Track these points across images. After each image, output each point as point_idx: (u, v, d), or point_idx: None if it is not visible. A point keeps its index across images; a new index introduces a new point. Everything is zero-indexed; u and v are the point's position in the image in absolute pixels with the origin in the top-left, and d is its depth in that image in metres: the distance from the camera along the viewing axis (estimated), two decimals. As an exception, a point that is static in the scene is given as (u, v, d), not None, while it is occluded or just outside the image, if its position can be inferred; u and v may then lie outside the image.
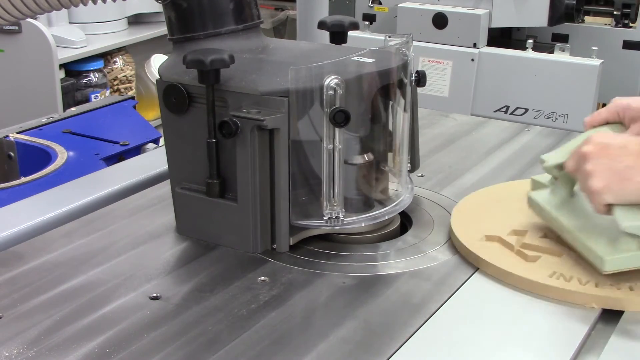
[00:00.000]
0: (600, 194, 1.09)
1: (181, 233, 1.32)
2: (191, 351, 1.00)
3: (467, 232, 1.27)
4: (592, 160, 1.11)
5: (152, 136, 2.05)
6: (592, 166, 1.10)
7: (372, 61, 1.25)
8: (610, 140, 1.12)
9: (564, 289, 1.10)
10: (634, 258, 1.10)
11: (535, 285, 1.12)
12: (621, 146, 1.10)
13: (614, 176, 1.08)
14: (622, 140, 1.11)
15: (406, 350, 1.00)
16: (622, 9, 2.94)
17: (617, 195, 1.08)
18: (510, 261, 1.18)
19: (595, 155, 1.11)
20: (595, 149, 1.11)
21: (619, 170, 1.08)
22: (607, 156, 1.10)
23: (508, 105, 2.85)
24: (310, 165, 1.23)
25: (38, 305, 1.11)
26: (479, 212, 1.35)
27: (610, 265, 1.10)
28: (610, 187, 1.08)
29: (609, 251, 1.11)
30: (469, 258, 1.22)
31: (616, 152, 1.10)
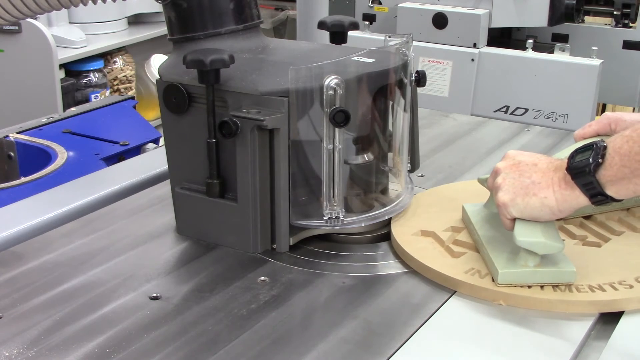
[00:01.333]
0: (506, 206, 1.11)
1: (181, 233, 1.32)
2: (191, 351, 1.00)
3: (404, 226, 1.28)
4: (503, 174, 1.14)
5: (152, 136, 2.05)
6: (502, 180, 1.13)
7: (372, 61, 1.25)
8: (523, 158, 1.14)
9: (475, 285, 1.12)
10: (527, 274, 1.11)
11: (450, 281, 1.14)
12: (532, 163, 1.12)
13: (520, 190, 1.10)
14: (535, 158, 1.13)
15: (406, 350, 1.00)
16: (622, 9, 2.94)
17: (521, 209, 1.10)
18: (432, 256, 1.19)
19: (507, 169, 1.14)
20: (507, 164, 1.15)
21: (525, 185, 1.10)
22: (516, 171, 1.12)
23: (508, 105, 2.85)
24: (310, 165, 1.23)
25: (38, 305, 1.11)
26: (427, 208, 1.35)
27: (503, 278, 1.11)
28: (515, 201, 1.10)
29: (504, 264, 1.12)
30: (398, 252, 1.23)
31: (526, 168, 1.12)
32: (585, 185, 1.04)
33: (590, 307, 1.08)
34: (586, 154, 1.04)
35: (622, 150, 1.01)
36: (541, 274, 1.11)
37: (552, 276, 1.11)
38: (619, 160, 1.01)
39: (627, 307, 1.08)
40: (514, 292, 1.10)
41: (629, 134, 1.01)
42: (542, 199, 1.08)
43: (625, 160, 1.00)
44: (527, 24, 2.96)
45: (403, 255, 1.22)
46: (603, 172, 1.02)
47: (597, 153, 1.03)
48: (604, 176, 1.02)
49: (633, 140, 1.00)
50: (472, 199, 1.32)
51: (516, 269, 1.12)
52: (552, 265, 1.12)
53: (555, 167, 1.09)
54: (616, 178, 1.02)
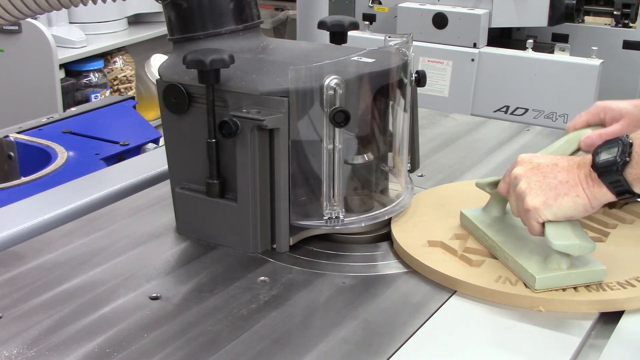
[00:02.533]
0: (538, 210, 1.09)
1: (181, 233, 1.32)
2: (191, 351, 1.00)
3: (409, 237, 1.25)
4: (525, 179, 1.11)
5: (152, 136, 2.05)
6: (526, 184, 1.10)
7: (372, 61, 1.25)
8: (541, 160, 1.12)
9: (511, 293, 1.10)
10: (564, 277, 1.10)
11: (482, 291, 1.11)
12: (552, 163, 1.11)
13: (549, 192, 1.08)
14: (552, 159, 1.12)
15: (406, 350, 1.00)
16: (622, 9, 2.94)
17: (554, 211, 1.08)
18: (454, 266, 1.17)
19: (528, 173, 1.11)
20: (526, 168, 1.12)
21: (554, 186, 1.08)
22: (539, 174, 1.10)
23: (508, 105, 2.85)
24: (310, 165, 1.23)
25: (38, 305, 1.11)
26: (421, 215, 1.32)
27: (541, 283, 1.09)
28: (547, 203, 1.08)
29: (539, 269, 1.11)
30: (413, 265, 1.20)
31: (547, 169, 1.10)
32: (613, 183, 1.04)
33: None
34: (612, 151, 1.03)
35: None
36: (575, 275, 1.10)
37: (585, 276, 1.11)
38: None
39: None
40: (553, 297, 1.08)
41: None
42: (575, 198, 1.07)
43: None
44: (527, 24, 2.96)
45: (421, 269, 1.18)
46: (630, 170, 1.02)
47: (624, 151, 1.02)
48: (631, 174, 1.02)
49: None
50: (465, 201, 1.31)
51: (551, 273, 1.10)
52: (583, 266, 1.11)
53: (577, 164, 1.08)
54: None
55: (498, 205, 1.26)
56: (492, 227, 1.23)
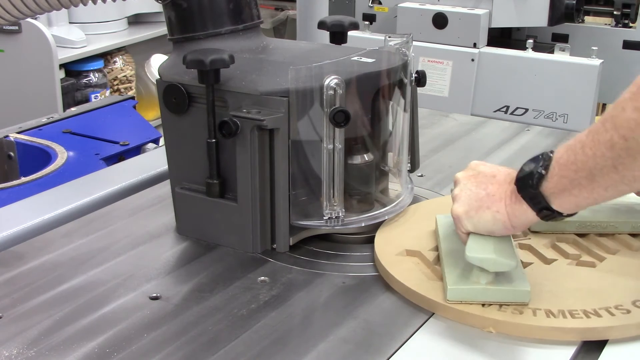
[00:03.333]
0: (460, 219, 1.07)
1: (181, 233, 1.32)
2: (191, 351, 1.00)
3: (388, 245, 1.23)
4: (461, 184, 1.09)
5: (152, 136, 2.05)
6: (459, 191, 1.09)
7: (372, 61, 1.25)
8: (484, 168, 1.09)
9: (460, 310, 1.05)
10: (480, 292, 1.05)
11: (433, 304, 1.08)
12: (491, 174, 1.07)
13: (474, 203, 1.05)
14: (493, 170, 1.08)
15: (406, 350, 1.00)
16: (622, 9, 2.94)
17: (474, 223, 1.05)
18: (417, 278, 1.13)
19: (465, 180, 1.09)
20: (467, 174, 1.10)
21: (480, 197, 1.05)
22: (474, 182, 1.07)
23: (508, 105, 2.85)
24: (310, 165, 1.23)
25: (38, 305, 1.11)
26: (408, 225, 1.29)
27: (452, 294, 1.06)
28: (468, 214, 1.06)
29: (456, 280, 1.07)
30: (381, 272, 1.17)
31: (484, 179, 1.07)
32: (531, 199, 0.98)
33: (573, 334, 1.01)
34: (531, 165, 0.98)
35: (562, 160, 0.95)
36: (493, 292, 1.05)
37: (505, 295, 1.05)
38: (558, 170, 0.95)
39: (610, 336, 1.01)
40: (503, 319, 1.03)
41: (570, 142, 0.95)
42: (495, 213, 1.03)
43: (564, 170, 0.94)
44: (527, 24, 2.96)
45: (387, 277, 1.15)
46: (545, 184, 0.96)
47: (542, 164, 0.97)
48: (547, 188, 0.96)
49: (571, 149, 0.94)
50: None
51: (466, 285, 1.06)
52: (506, 284, 1.06)
53: (511, 179, 1.03)
54: (557, 190, 0.96)
55: None
56: (450, 234, 1.18)
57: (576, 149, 0.93)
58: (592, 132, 0.91)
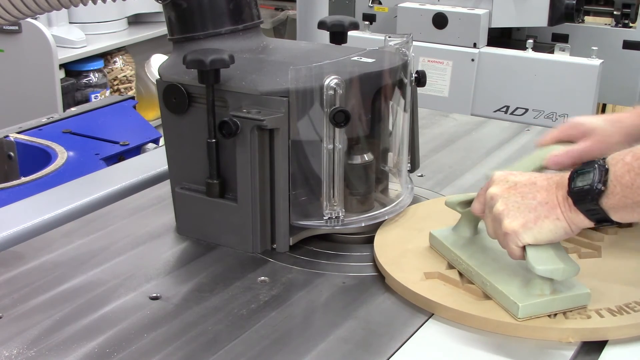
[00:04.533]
0: (517, 234, 1.02)
1: (181, 233, 1.32)
2: (191, 351, 1.00)
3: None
4: (502, 199, 1.04)
5: (152, 136, 2.05)
6: (504, 206, 1.03)
7: (372, 61, 1.25)
8: (518, 178, 1.06)
9: (537, 326, 1.03)
10: (548, 303, 1.04)
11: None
12: (530, 182, 1.04)
13: (529, 214, 1.02)
14: (529, 177, 1.05)
15: (406, 350, 1.00)
16: (622, 9, 2.94)
17: (534, 234, 1.02)
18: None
19: (505, 194, 1.04)
20: (502, 188, 1.05)
21: (533, 207, 1.02)
22: (517, 194, 1.03)
23: (508, 105, 2.85)
24: (310, 165, 1.23)
25: (38, 305, 1.11)
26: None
27: (525, 311, 1.03)
28: (527, 226, 1.01)
29: (522, 296, 1.04)
30: (416, 302, 1.10)
31: (525, 188, 1.04)
32: (589, 212, 0.98)
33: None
34: (587, 178, 0.98)
35: (624, 181, 0.95)
36: (559, 300, 1.04)
37: (570, 301, 1.05)
38: (621, 190, 0.95)
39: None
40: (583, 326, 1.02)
41: (630, 161, 0.95)
42: (555, 221, 1.01)
43: (627, 192, 0.95)
44: (527, 24, 2.96)
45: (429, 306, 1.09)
46: (605, 200, 0.97)
47: (600, 179, 0.97)
48: (607, 204, 0.97)
49: (635, 172, 0.95)
50: (439, 222, 1.24)
51: (535, 299, 1.03)
52: (567, 290, 1.05)
53: (556, 183, 1.02)
54: (619, 206, 0.96)
55: (469, 225, 1.19)
56: (465, 249, 1.16)
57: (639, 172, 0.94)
58: None
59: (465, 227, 1.20)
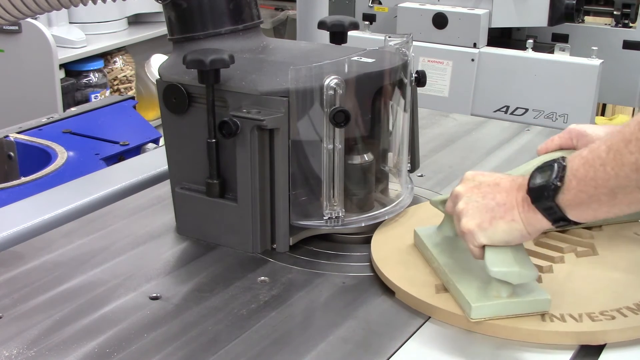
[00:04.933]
0: (473, 234, 1.03)
1: (181, 233, 1.32)
2: (191, 351, 1.00)
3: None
4: (464, 198, 1.05)
5: (152, 136, 2.05)
6: (464, 205, 1.05)
7: (372, 61, 1.25)
8: (484, 178, 1.06)
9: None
10: (503, 306, 1.03)
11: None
12: (494, 183, 1.04)
13: (485, 214, 1.02)
14: (495, 178, 1.05)
15: (406, 350, 1.00)
16: (622, 9, 2.94)
17: (489, 235, 1.01)
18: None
19: (468, 192, 1.05)
20: (467, 187, 1.06)
21: (490, 208, 1.02)
22: (479, 194, 1.04)
23: (508, 105, 2.85)
24: (310, 165, 1.23)
25: (38, 305, 1.11)
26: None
27: (477, 312, 1.02)
28: (482, 226, 1.02)
29: (477, 297, 1.04)
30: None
31: (488, 189, 1.04)
32: (546, 210, 0.97)
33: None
34: (545, 175, 0.96)
35: (579, 174, 0.93)
36: (515, 304, 1.03)
37: (527, 306, 1.03)
38: (576, 184, 0.93)
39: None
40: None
41: (586, 154, 0.93)
42: (510, 222, 1.00)
43: (582, 185, 0.93)
44: (527, 24, 2.96)
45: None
46: (562, 196, 0.95)
47: (557, 175, 0.95)
48: (563, 200, 0.95)
49: (589, 164, 0.93)
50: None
51: (489, 301, 1.03)
52: (526, 294, 1.04)
53: (518, 185, 1.01)
54: (574, 203, 0.94)
55: (451, 225, 1.15)
56: (441, 247, 1.16)
57: (595, 165, 0.92)
58: (614, 151, 0.90)
59: (447, 226, 1.19)
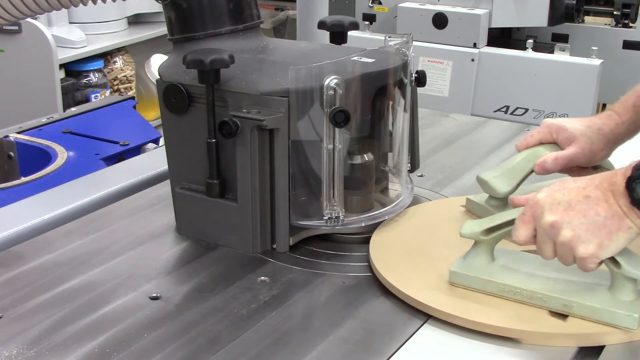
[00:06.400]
0: (596, 256, 1.00)
1: (181, 233, 1.32)
2: (191, 351, 1.00)
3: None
4: (565, 225, 1.00)
5: (152, 136, 2.05)
6: (571, 232, 1.00)
7: (372, 61, 1.25)
8: (567, 196, 1.01)
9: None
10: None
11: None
12: (584, 197, 1.01)
13: (599, 232, 0.99)
14: (577, 191, 1.01)
15: (406, 350, 1.00)
16: (622, 9, 2.94)
17: (612, 249, 1.00)
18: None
19: (566, 218, 1.00)
20: (559, 211, 1.01)
21: (602, 224, 0.99)
22: (578, 215, 1.00)
23: (508, 105, 2.85)
24: (310, 165, 1.23)
25: (38, 305, 1.11)
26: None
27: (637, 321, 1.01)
28: (603, 245, 0.99)
29: (628, 307, 1.02)
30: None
31: (584, 206, 1.00)
32: None
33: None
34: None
35: None
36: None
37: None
38: None
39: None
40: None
41: None
42: (628, 230, 0.99)
43: None
44: (527, 24, 2.96)
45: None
46: None
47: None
48: None
49: None
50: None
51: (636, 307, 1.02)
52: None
53: (611, 191, 0.99)
54: None
55: (490, 252, 1.13)
56: (507, 276, 1.09)
57: None
58: None
59: (485, 255, 1.13)
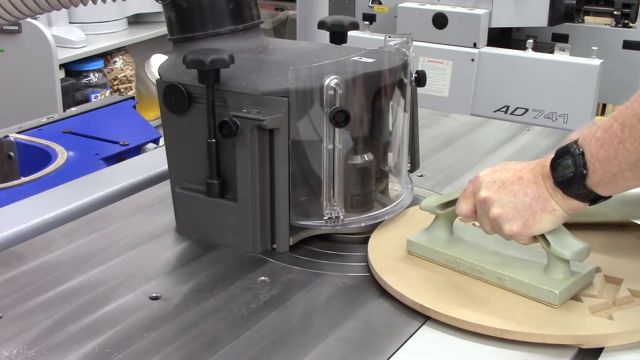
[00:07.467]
0: (521, 235, 1.05)
1: (181, 233, 1.32)
2: (191, 351, 1.00)
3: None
4: (496, 202, 1.05)
5: (152, 136, 2.05)
6: (499, 209, 1.05)
7: (372, 61, 1.25)
8: (504, 175, 1.06)
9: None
10: (573, 285, 1.06)
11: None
12: (517, 178, 1.05)
13: (526, 212, 1.03)
14: (514, 172, 1.06)
15: (406, 351, 1.00)
16: (622, 9, 2.94)
17: (537, 229, 1.04)
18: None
19: (496, 196, 1.05)
20: (492, 189, 1.06)
21: (528, 205, 1.03)
22: (509, 194, 1.05)
23: (508, 105, 2.85)
24: (310, 165, 1.23)
25: (38, 305, 1.11)
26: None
27: (561, 297, 1.04)
28: (528, 225, 1.04)
29: (552, 283, 1.05)
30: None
31: (515, 186, 1.04)
32: (580, 195, 1.00)
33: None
34: (567, 165, 0.99)
35: (600, 156, 0.97)
36: (577, 281, 1.07)
37: (583, 280, 1.08)
38: (600, 166, 0.97)
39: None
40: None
41: (601, 135, 0.96)
42: (552, 212, 1.02)
43: (606, 166, 0.96)
44: (527, 24, 2.96)
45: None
46: (589, 180, 0.98)
47: (578, 163, 0.98)
48: (592, 183, 0.98)
49: (607, 144, 0.96)
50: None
51: (565, 284, 1.05)
52: (581, 269, 1.07)
53: (541, 174, 1.03)
54: (603, 183, 0.98)
55: (448, 226, 1.20)
56: (457, 248, 1.15)
57: (614, 144, 0.95)
58: (628, 127, 0.93)
59: (443, 228, 1.20)
